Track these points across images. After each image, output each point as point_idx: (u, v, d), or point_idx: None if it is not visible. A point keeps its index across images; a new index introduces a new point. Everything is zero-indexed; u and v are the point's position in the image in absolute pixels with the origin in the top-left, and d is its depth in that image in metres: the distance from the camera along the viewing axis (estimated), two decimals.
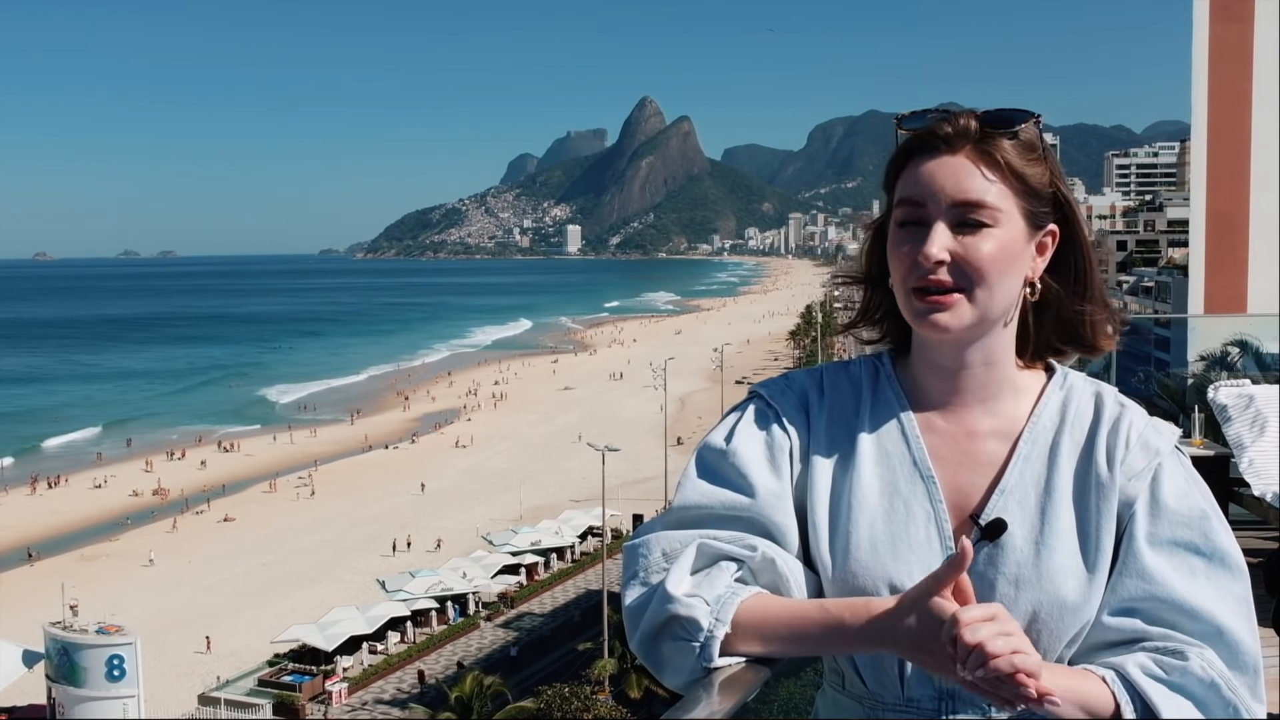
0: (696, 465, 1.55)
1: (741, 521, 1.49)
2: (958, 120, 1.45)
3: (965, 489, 1.49)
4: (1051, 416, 1.52)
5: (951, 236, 1.42)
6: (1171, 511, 1.44)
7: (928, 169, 1.45)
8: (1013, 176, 1.44)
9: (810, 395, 1.58)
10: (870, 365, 1.60)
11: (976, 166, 1.43)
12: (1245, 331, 8.41)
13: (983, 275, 1.42)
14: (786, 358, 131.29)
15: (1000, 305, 1.45)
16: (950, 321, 1.43)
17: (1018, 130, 1.46)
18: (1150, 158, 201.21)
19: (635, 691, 35.50)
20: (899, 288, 1.46)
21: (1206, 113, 8.79)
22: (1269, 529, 6.17)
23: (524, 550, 51.06)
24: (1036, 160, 1.46)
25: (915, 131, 1.48)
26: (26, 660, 31.99)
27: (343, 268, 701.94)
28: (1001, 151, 1.44)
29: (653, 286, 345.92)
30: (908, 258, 1.44)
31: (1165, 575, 1.40)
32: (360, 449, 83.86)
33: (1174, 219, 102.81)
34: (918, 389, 1.55)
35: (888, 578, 1.45)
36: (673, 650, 1.42)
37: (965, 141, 1.44)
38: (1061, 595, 1.42)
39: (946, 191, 1.43)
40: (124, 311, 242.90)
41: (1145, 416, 1.52)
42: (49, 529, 61.14)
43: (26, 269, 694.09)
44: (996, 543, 1.44)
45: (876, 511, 1.48)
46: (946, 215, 1.42)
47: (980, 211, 1.42)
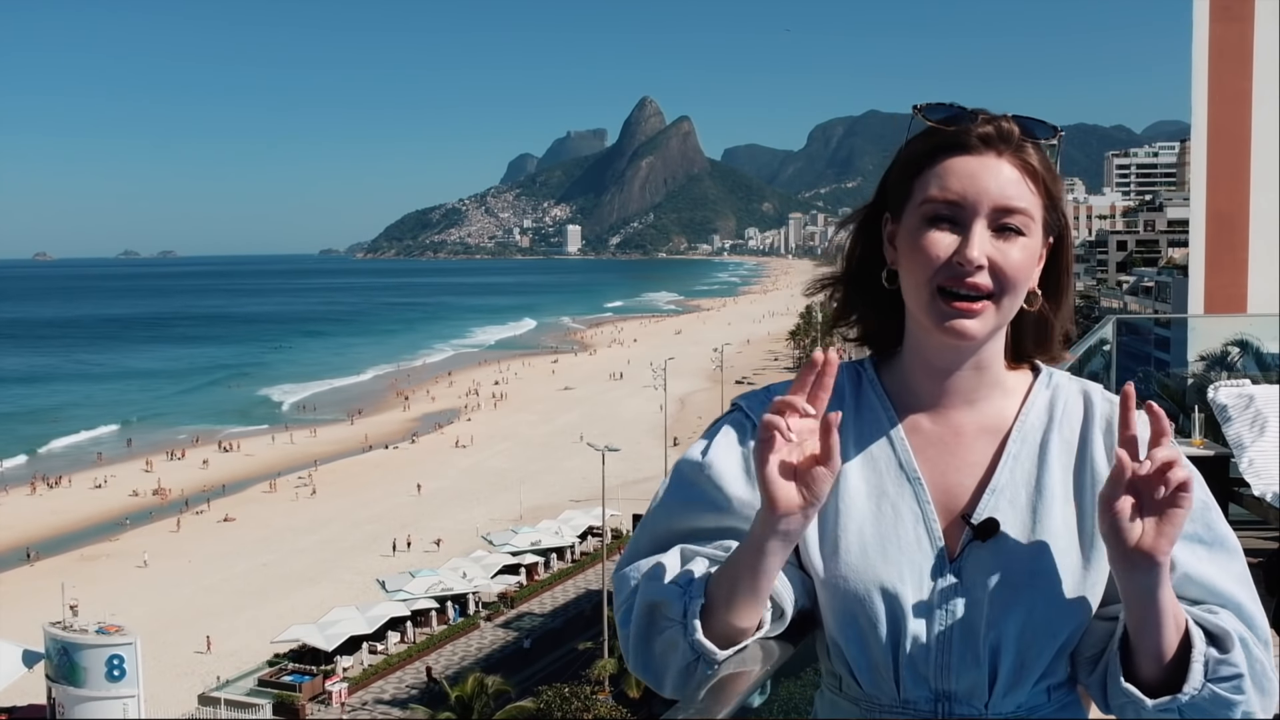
0: (673, 479, 1.54)
1: (719, 532, 1.49)
2: (1000, 122, 1.43)
3: (953, 489, 1.49)
4: (1039, 415, 1.51)
5: (990, 241, 1.41)
6: None
7: (968, 168, 1.42)
8: (1042, 189, 1.44)
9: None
10: (852, 371, 1.58)
11: (1018, 172, 1.42)
12: (1245, 331, 8.40)
13: (1013, 284, 1.41)
14: (786, 358, 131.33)
15: (1012, 313, 1.45)
16: (977, 330, 1.41)
17: (1054, 141, 1.46)
18: (1150, 158, 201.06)
19: (635, 691, 35.56)
20: (921, 286, 1.42)
21: (1206, 113, 8.79)
22: (1269, 529, 6.17)
23: (524, 550, 51.12)
24: (1058, 180, 1.47)
25: (948, 127, 1.45)
26: (27, 660, 32.05)
27: (343, 268, 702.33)
28: (1036, 160, 1.44)
29: (653, 286, 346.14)
30: (939, 256, 1.40)
31: (1178, 559, 1.40)
32: (360, 449, 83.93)
33: (1174, 219, 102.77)
34: (903, 390, 1.54)
35: (878, 580, 1.44)
36: (663, 645, 1.42)
37: (1007, 146, 1.42)
38: (1056, 593, 1.42)
39: (991, 194, 1.40)
40: (124, 311, 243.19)
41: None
42: (49, 529, 61.20)
43: (27, 269, 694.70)
44: (989, 543, 1.44)
45: (865, 515, 1.48)
46: (987, 217, 1.40)
47: (1018, 218, 1.41)
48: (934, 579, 1.44)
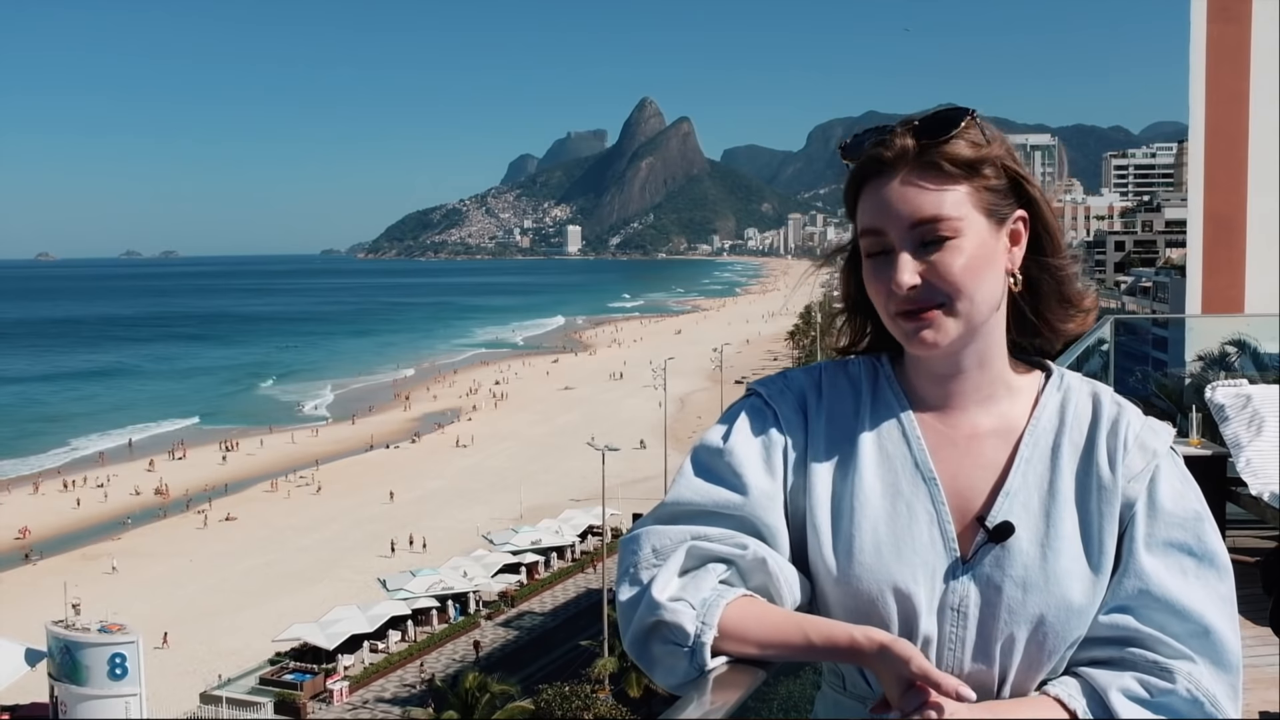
0: (692, 462, 1.54)
1: (733, 520, 1.48)
2: (893, 141, 1.44)
3: (966, 491, 1.49)
4: (1051, 418, 1.52)
5: (916, 260, 1.42)
6: (1167, 513, 1.46)
7: (879, 197, 1.44)
8: (964, 174, 1.43)
9: (809, 396, 1.57)
10: (869, 365, 1.59)
11: (923, 183, 1.42)
12: (1243, 331, 8.43)
13: (957, 288, 1.42)
14: (786, 358, 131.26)
15: (984, 308, 1.45)
16: (937, 338, 1.43)
17: (952, 136, 1.43)
18: (1148, 159, 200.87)
19: (635, 690, 35.53)
20: (883, 315, 1.47)
21: (1204, 114, 8.82)
22: (1266, 528, 6.20)
23: (524, 549, 51.16)
24: (984, 146, 1.45)
25: (857, 160, 1.48)
26: (29, 659, 32.09)
27: (344, 268, 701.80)
28: (945, 156, 1.43)
29: (653, 287, 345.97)
30: (884, 286, 1.44)
31: (1159, 575, 1.42)
32: (362, 448, 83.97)
33: (1172, 219, 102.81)
34: (915, 391, 1.55)
35: (892, 581, 1.44)
36: (664, 653, 1.41)
37: (905, 161, 1.43)
38: (1068, 598, 1.42)
39: (902, 216, 1.42)
40: (127, 311, 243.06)
41: (1141, 417, 1.52)
42: (50, 528, 61.24)
43: (29, 269, 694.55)
44: (1003, 546, 1.44)
45: (879, 514, 1.47)
46: (908, 238, 1.42)
47: (939, 225, 1.41)
48: (947, 580, 1.44)
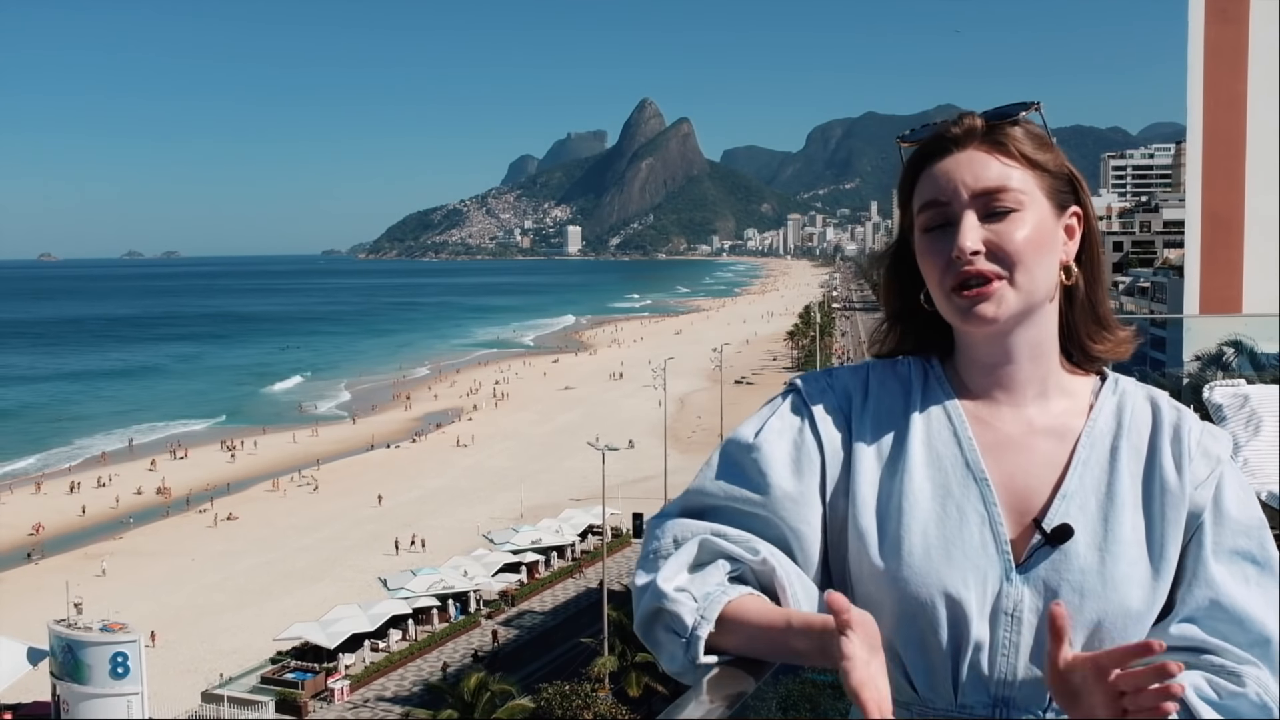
0: (721, 455, 1.53)
1: (755, 519, 1.46)
2: (962, 120, 1.46)
3: (1020, 492, 1.45)
4: (1108, 420, 1.49)
5: (982, 227, 1.41)
6: (1234, 520, 1.44)
7: (943, 168, 1.44)
8: (1029, 156, 1.44)
9: (853, 396, 1.54)
10: (920, 365, 1.56)
11: (992, 155, 1.43)
12: (1240, 332, 8.49)
13: (1020, 258, 1.40)
14: (785, 358, 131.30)
15: (1043, 288, 1.44)
16: (995, 311, 1.41)
17: (1019, 119, 1.46)
18: (1146, 159, 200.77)
19: (635, 689, 35.53)
20: (937, 292, 1.44)
21: (1202, 114, 8.87)
22: None
23: (524, 549, 51.17)
24: (1048, 147, 1.47)
25: (921, 141, 1.49)
26: (31, 658, 32.15)
27: (345, 268, 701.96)
28: (1012, 140, 1.44)
29: (654, 287, 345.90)
30: (941, 259, 1.42)
31: (1225, 583, 1.41)
32: (362, 447, 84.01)
33: (1170, 220, 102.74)
34: (965, 390, 1.52)
35: (942, 585, 1.40)
36: (665, 638, 1.41)
37: (974, 138, 1.44)
38: (1127, 604, 1.39)
39: (967, 184, 1.42)
40: (128, 311, 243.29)
41: (1200, 422, 1.49)
42: (53, 527, 61.25)
43: (32, 270, 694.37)
44: (1060, 549, 1.41)
45: (929, 515, 1.43)
46: (973, 206, 1.41)
47: (1005, 196, 1.41)
48: (1000, 584, 1.41)
